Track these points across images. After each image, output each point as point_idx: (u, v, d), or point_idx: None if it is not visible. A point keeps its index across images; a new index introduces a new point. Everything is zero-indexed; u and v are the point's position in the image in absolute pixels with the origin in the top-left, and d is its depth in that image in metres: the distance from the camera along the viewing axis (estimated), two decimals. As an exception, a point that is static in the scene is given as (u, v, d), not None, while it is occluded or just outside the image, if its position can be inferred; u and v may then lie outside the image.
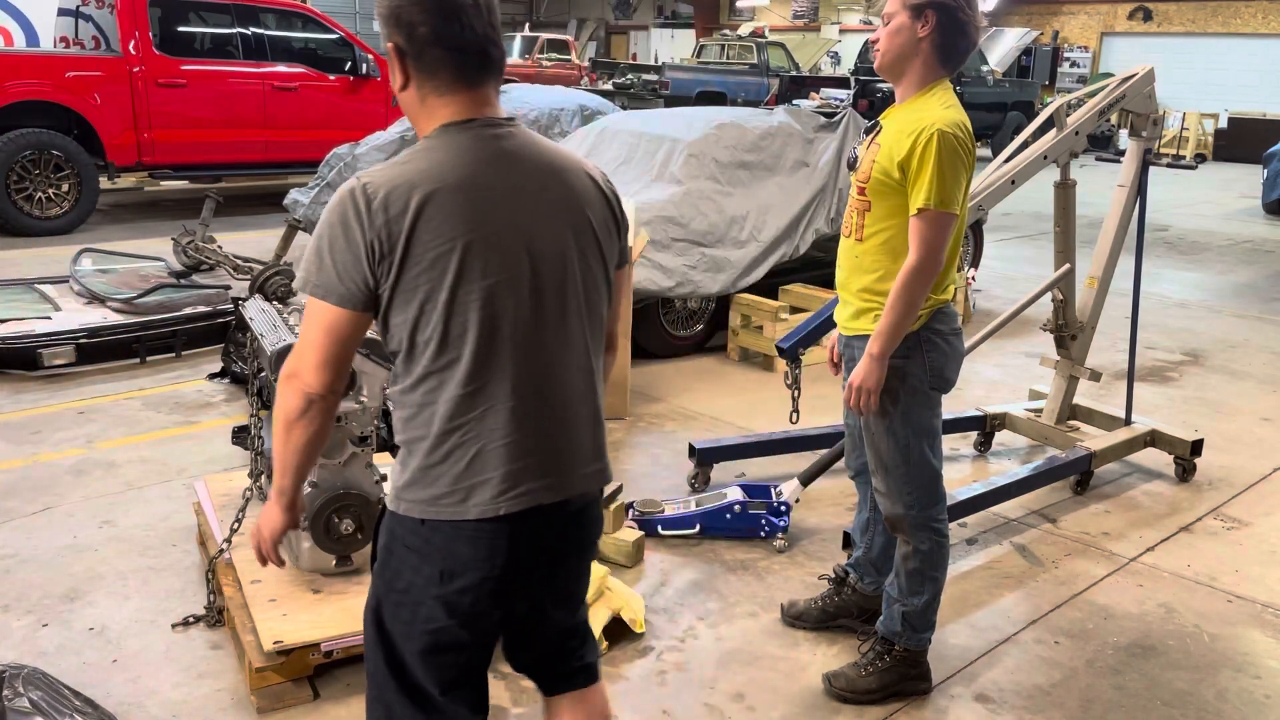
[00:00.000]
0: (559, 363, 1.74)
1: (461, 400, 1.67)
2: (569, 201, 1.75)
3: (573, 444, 1.78)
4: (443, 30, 1.65)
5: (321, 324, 1.66)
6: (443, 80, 1.69)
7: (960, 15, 2.56)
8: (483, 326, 1.65)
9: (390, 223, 1.61)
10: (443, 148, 1.68)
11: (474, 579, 1.72)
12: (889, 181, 2.58)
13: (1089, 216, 9.76)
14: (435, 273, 1.62)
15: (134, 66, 9.00)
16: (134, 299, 5.75)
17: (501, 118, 1.73)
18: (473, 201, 1.64)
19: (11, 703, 2.33)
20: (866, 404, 2.65)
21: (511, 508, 1.70)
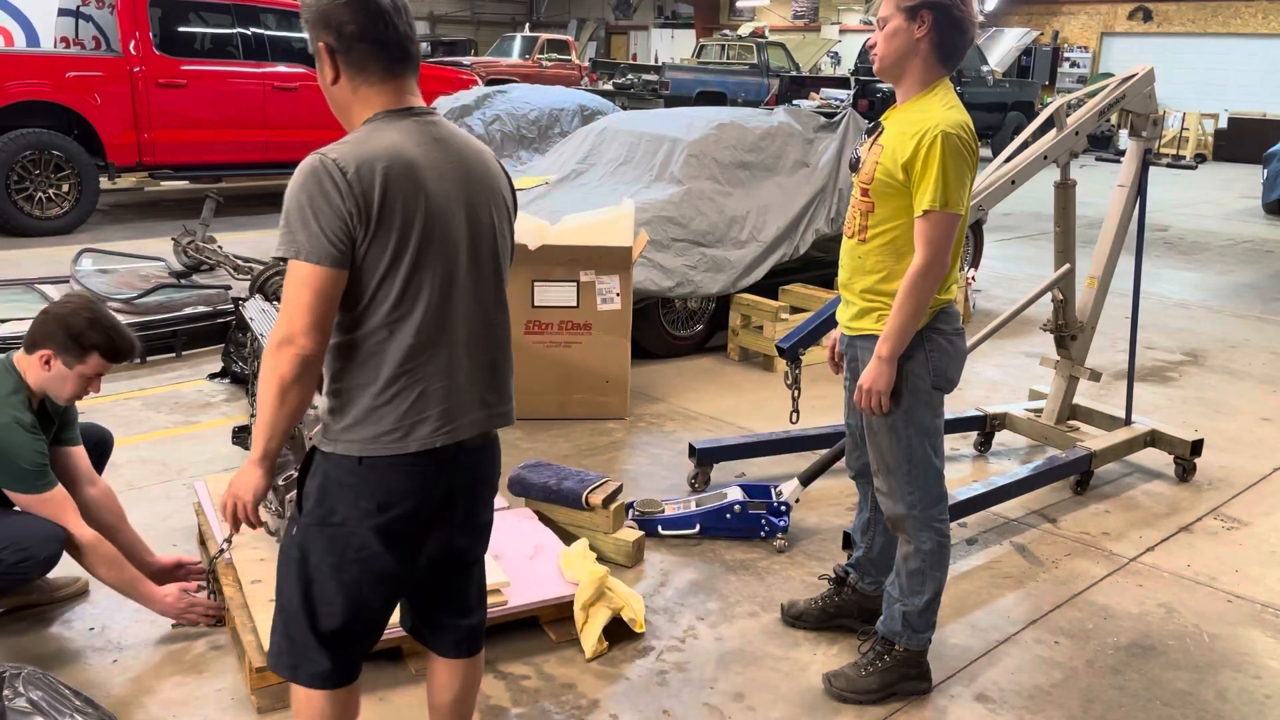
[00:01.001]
0: (487, 317, 2.01)
1: (412, 349, 1.89)
2: (492, 181, 2.01)
3: (495, 387, 2.05)
4: (368, 27, 1.87)
5: (312, 286, 1.79)
6: (373, 73, 1.91)
7: (956, 12, 2.56)
8: (437, 284, 1.89)
9: (365, 190, 1.79)
10: (390, 130, 1.89)
11: (409, 507, 1.93)
12: (892, 183, 2.58)
13: (1089, 216, 9.77)
14: (401, 236, 1.84)
15: (134, 67, 9.00)
16: (134, 299, 5.75)
17: (427, 107, 1.98)
18: (426, 176, 1.87)
19: (11, 703, 2.33)
20: (876, 406, 2.65)
21: (446, 440, 1.94)
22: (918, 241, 2.55)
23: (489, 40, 28.82)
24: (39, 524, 2.85)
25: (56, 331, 2.82)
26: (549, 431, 4.75)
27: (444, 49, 24.19)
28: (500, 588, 3.01)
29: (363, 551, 1.93)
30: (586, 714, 2.77)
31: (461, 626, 2.22)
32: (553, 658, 3.01)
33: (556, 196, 6.15)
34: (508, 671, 2.94)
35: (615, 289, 4.81)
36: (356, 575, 1.95)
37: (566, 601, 3.08)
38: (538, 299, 4.78)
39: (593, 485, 3.57)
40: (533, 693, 2.85)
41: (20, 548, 2.81)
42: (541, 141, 8.66)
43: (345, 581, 1.95)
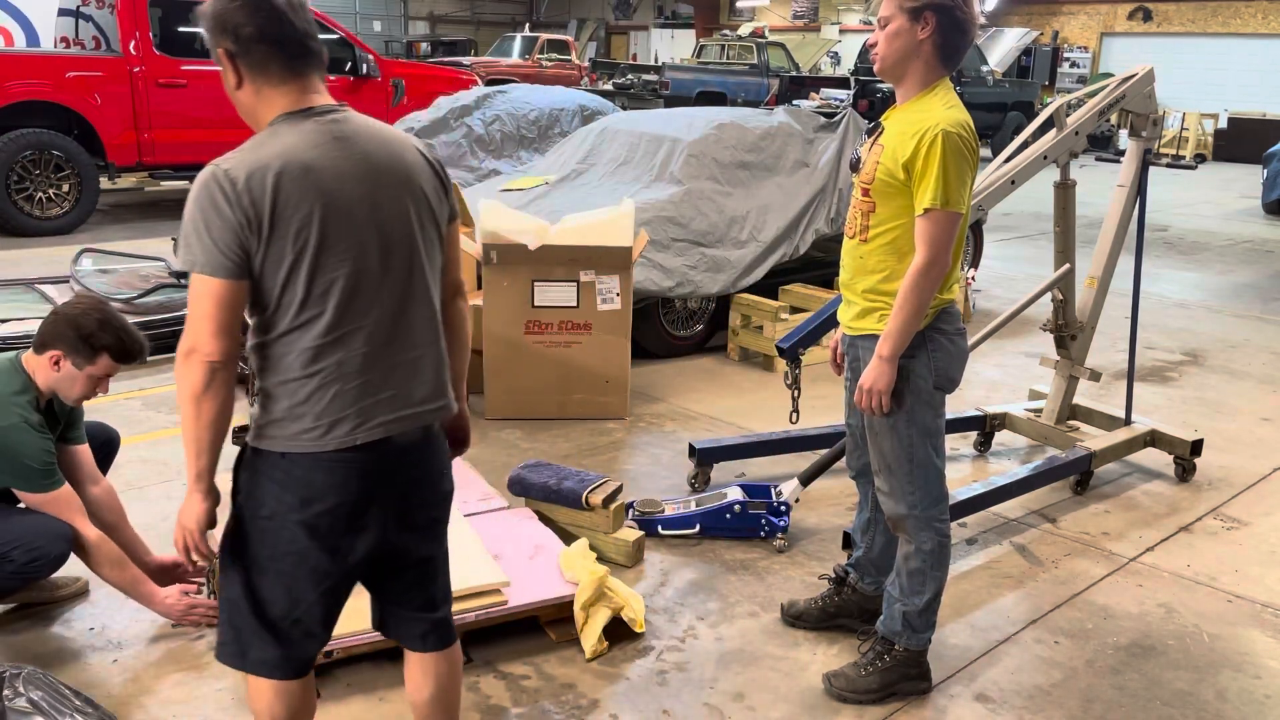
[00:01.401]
0: (405, 313, 1.98)
1: (323, 349, 1.89)
2: (403, 172, 1.98)
3: (417, 383, 2.01)
4: (265, 28, 1.88)
5: (212, 297, 1.82)
6: (273, 73, 1.91)
7: (958, 14, 2.56)
8: (343, 284, 1.88)
9: (255, 200, 1.81)
10: (287, 133, 1.89)
11: (331, 503, 1.93)
12: (893, 183, 2.58)
13: (1089, 216, 9.77)
14: (299, 241, 1.84)
15: (134, 67, 9.00)
16: (134, 299, 5.75)
17: (333, 104, 1.96)
18: (324, 178, 1.86)
19: (11, 703, 2.33)
20: (877, 406, 2.65)
21: (366, 438, 1.93)
22: (919, 240, 2.55)
23: (489, 40, 28.83)
24: (48, 523, 2.86)
25: (67, 332, 2.82)
26: (549, 431, 4.75)
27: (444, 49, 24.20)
28: (500, 587, 3.01)
29: (293, 545, 1.95)
30: (586, 714, 2.77)
31: (425, 620, 2.23)
32: (553, 658, 3.01)
33: (556, 196, 6.15)
34: (508, 671, 2.94)
35: (615, 289, 4.81)
36: (290, 567, 1.98)
37: (566, 601, 3.08)
38: (538, 299, 4.78)
39: (593, 485, 3.57)
40: (533, 693, 2.85)
41: (31, 547, 2.81)
42: (541, 141, 8.67)
43: (280, 572, 1.98)
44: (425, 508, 2.12)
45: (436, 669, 2.26)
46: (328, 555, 1.97)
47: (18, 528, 2.83)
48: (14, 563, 2.81)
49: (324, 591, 2.03)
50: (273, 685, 2.09)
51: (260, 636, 2.03)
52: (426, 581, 2.21)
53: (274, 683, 2.08)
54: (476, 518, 3.47)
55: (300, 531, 1.94)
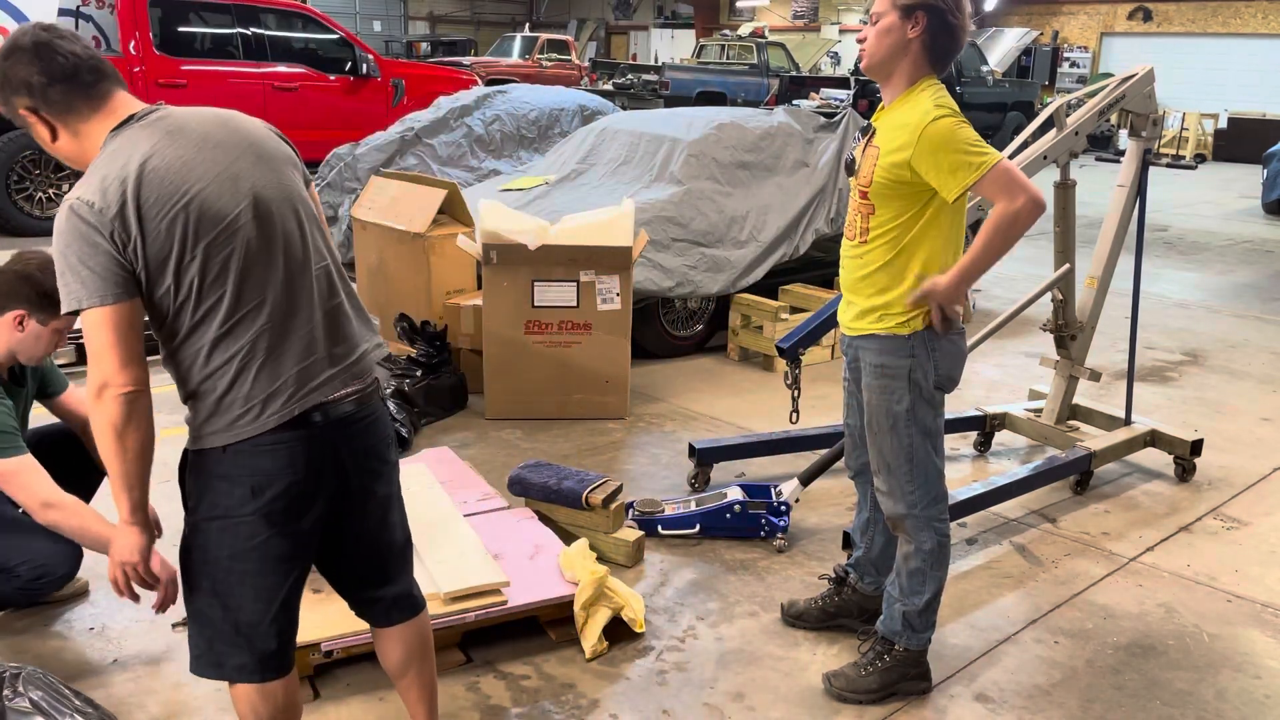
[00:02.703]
0: (304, 273, 1.97)
1: (229, 332, 1.89)
2: (248, 142, 1.96)
3: (334, 340, 2.00)
4: (51, 69, 1.85)
5: (108, 325, 1.81)
6: (80, 108, 1.89)
7: (950, 18, 2.56)
8: (235, 264, 1.87)
9: (117, 214, 1.79)
10: (120, 145, 1.86)
11: (281, 486, 1.92)
12: (894, 184, 2.57)
13: (1089, 216, 9.77)
14: (170, 239, 1.82)
15: (134, 67, 8.99)
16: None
17: (148, 107, 1.94)
18: (171, 171, 1.84)
19: (11, 703, 2.33)
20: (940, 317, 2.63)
21: (301, 407, 1.92)
22: (994, 199, 2.51)
23: (489, 40, 28.85)
24: (56, 540, 2.84)
25: (24, 290, 2.78)
26: (549, 431, 4.76)
27: (444, 49, 24.21)
28: (500, 587, 3.01)
29: (254, 539, 1.94)
30: (586, 714, 2.77)
31: (387, 596, 2.24)
32: (553, 658, 3.01)
33: (556, 196, 6.15)
34: (508, 671, 2.94)
35: (615, 289, 4.81)
36: (256, 563, 1.96)
37: (566, 601, 3.08)
38: (538, 299, 4.78)
39: (593, 485, 3.57)
40: (533, 693, 2.85)
41: (37, 564, 2.81)
42: (541, 141, 8.67)
43: (247, 571, 1.97)
44: (378, 480, 2.12)
45: (404, 636, 2.27)
46: (289, 540, 1.97)
47: (28, 544, 2.81)
48: (20, 578, 2.81)
49: (294, 580, 2.03)
50: (255, 688, 2.07)
51: (233, 643, 2.02)
52: (382, 555, 2.20)
53: (255, 685, 2.07)
54: (476, 518, 3.48)
55: (259, 523, 1.93)
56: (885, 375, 2.70)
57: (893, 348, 2.68)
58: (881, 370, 2.71)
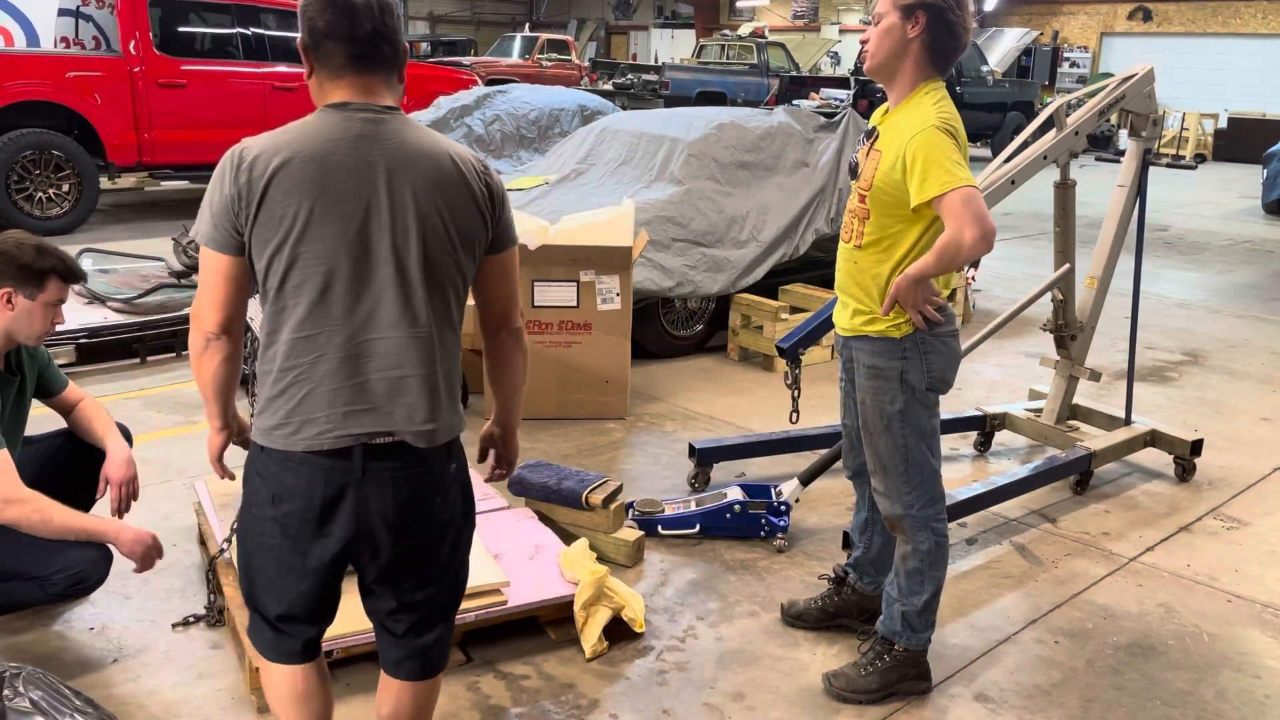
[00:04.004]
0: (387, 327, 1.90)
1: (294, 344, 1.88)
2: (421, 183, 1.89)
3: (398, 403, 1.92)
4: (335, 24, 1.88)
5: (210, 268, 1.89)
6: (333, 67, 1.91)
7: (950, 16, 2.55)
8: (316, 283, 1.86)
9: (252, 181, 1.83)
10: (314, 123, 1.89)
11: (297, 505, 1.91)
12: (890, 189, 2.57)
13: (1089, 216, 9.76)
14: (282, 228, 1.83)
15: (134, 67, 9.00)
16: (134, 299, 5.75)
17: (380, 105, 1.92)
18: (324, 171, 1.84)
19: (11, 703, 2.33)
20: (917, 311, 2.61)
21: (334, 445, 1.89)
22: (945, 221, 2.47)
23: (489, 40, 28.84)
24: (87, 546, 2.84)
25: (7, 267, 2.76)
26: (549, 431, 4.76)
27: (444, 49, 24.20)
28: (500, 587, 3.01)
29: (269, 539, 1.97)
30: (586, 714, 2.77)
31: (401, 646, 2.14)
32: (553, 658, 3.01)
33: (556, 196, 6.15)
34: (508, 671, 2.94)
35: (615, 289, 4.81)
36: (269, 562, 1.99)
37: (566, 601, 3.08)
38: (538, 299, 4.79)
39: (593, 485, 3.57)
40: (533, 693, 2.85)
41: (72, 572, 2.80)
42: (541, 141, 8.67)
43: (262, 564, 2.00)
44: (409, 535, 1.99)
45: (400, 697, 2.18)
46: (299, 556, 1.96)
47: (61, 551, 2.80)
48: (56, 585, 2.81)
49: (304, 590, 2.01)
50: (275, 668, 2.12)
51: (259, 621, 2.09)
52: (409, 610, 2.10)
53: (277, 665, 2.11)
54: (476, 517, 3.47)
55: (274, 527, 1.95)
56: (878, 376, 2.70)
57: (885, 349, 2.68)
58: (874, 371, 2.71)
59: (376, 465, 1.92)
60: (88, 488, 3.13)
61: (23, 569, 2.79)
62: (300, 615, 2.06)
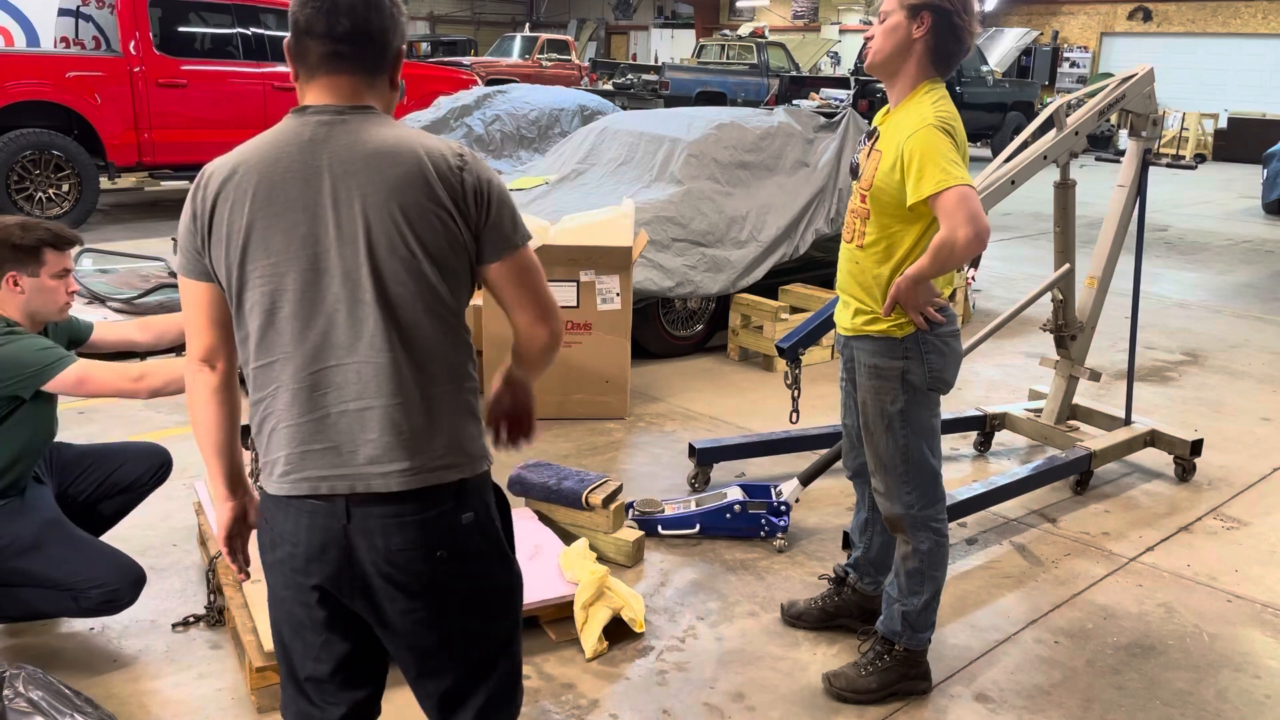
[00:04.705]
0: (342, 351, 1.67)
1: (256, 374, 1.72)
2: (371, 187, 1.65)
3: (362, 440, 1.68)
4: (314, 19, 1.70)
5: (184, 296, 1.77)
6: (308, 66, 1.74)
7: (955, 19, 2.55)
8: (263, 306, 1.68)
9: (205, 197, 1.70)
10: (270, 131, 1.72)
11: (285, 553, 1.73)
12: (891, 189, 2.57)
13: (1089, 216, 9.77)
14: (229, 248, 1.68)
15: (134, 67, 9.00)
16: (134, 299, 5.75)
17: (349, 105, 1.71)
18: (268, 183, 1.66)
19: (12, 703, 2.33)
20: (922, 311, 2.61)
21: (296, 490, 1.70)
22: (940, 220, 2.47)
23: (489, 40, 28.82)
24: (124, 563, 2.84)
25: (1, 252, 2.76)
26: (549, 431, 4.76)
27: (444, 49, 24.20)
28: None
29: (278, 590, 1.79)
30: (586, 714, 2.77)
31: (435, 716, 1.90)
32: (553, 658, 3.01)
33: (556, 196, 6.15)
34: (508, 671, 2.94)
35: (615, 289, 4.81)
36: (283, 616, 1.81)
37: (566, 601, 3.08)
38: (538, 299, 4.77)
39: (593, 485, 3.57)
40: (533, 693, 2.85)
41: (109, 589, 2.78)
42: (541, 141, 8.67)
43: (278, 618, 1.82)
44: (410, 595, 1.73)
45: None
46: (305, 608, 1.76)
47: (95, 565, 2.80)
48: (90, 600, 2.79)
49: (322, 647, 1.79)
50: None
51: (285, 689, 1.88)
52: (428, 677, 1.84)
53: None
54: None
55: (277, 576, 1.77)
56: (879, 376, 2.70)
57: (886, 349, 2.68)
58: (875, 371, 2.71)
59: (362, 511, 1.69)
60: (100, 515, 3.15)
61: (59, 579, 2.77)
62: (325, 678, 1.81)
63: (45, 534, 2.78)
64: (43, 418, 2.82)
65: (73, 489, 3.07)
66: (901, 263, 2.62)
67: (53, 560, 2.77)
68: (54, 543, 2.78)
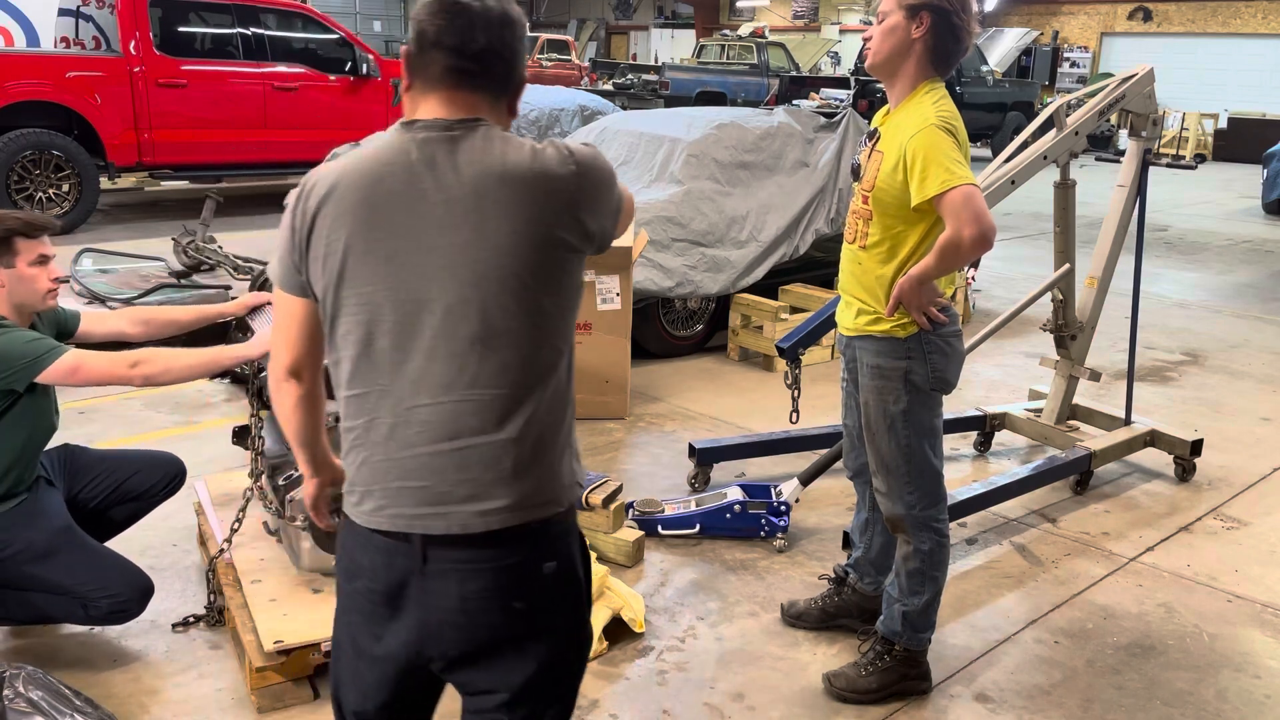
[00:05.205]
0: (442, 392, 1.58)
1: (349, 402, 1.64)
2: (490, 216, 1.56)
3: (462, 480, 1.59)
4: (445, 32, 1.60)
5: (278, 306, 1.70)
6: (429, 78, 1.63)
7: (954, 19, 2.55)
8: (358, 335, 1.59)
9: (305, 213, 1.61)
10: (375, 142, 1.63)
11: (363, 585, 1.65)
12: (893, 190, 2.57)
13: (1089, 216, 9.76)
14: (326, 268, 1.59)
15: (134, 67, 9.00)
16: (134, 299, 5.75)
17: (460, 119, 1.61)
18: (369, 204, 1.57)
19: (12, 703, 2.33)
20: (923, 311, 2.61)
21: (390, 526, 1.61)
22: (946, 220, 2.48)
23: (489, 40, 28.77)
24: (134, 573, 2.84)
25: None
26: (549, 431, 4.75)
27: (444, 49, 24.16)
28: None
29: (347, 615, 1.71)
30: (586, 714, 2.77)
31: None
32: (553, 658, 3.01)
33: (556, 196, 6.14)
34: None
35: (615, 289, 4.81)
36: (348, 642, 1.72)
37: (566, 601, 3.07)
38: (538, 299, 4.78)
39: (593, 485, 3.57)
40: (533, 693, 2.84)
41: (119, 599, 2.78)
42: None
43: (342, 644, 1.74)
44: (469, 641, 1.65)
45: None
46: (373, 639, 1.67)
47: (107, 574, 2.79)
48: (99, 609, 2.79)
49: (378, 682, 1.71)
50: None
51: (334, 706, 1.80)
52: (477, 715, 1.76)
53: None
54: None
55: (348, 602, 1.70)
56: (881, 376, 2.70)
57: (889, 349, 2.68)
58: (878, 371, 2.71)
59: (439, 554, 1.60)
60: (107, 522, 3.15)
61: (70, 586, 2.77)
62: (370, 713, 1.74)
63: (58, 541, 2.78)
64: (40, 412, 2.82)
65: (83, 494, 3.06)
66: (905, 263, 2.62)
67: (65, 567, 2.77)
68: (67, 550, 2.78)
